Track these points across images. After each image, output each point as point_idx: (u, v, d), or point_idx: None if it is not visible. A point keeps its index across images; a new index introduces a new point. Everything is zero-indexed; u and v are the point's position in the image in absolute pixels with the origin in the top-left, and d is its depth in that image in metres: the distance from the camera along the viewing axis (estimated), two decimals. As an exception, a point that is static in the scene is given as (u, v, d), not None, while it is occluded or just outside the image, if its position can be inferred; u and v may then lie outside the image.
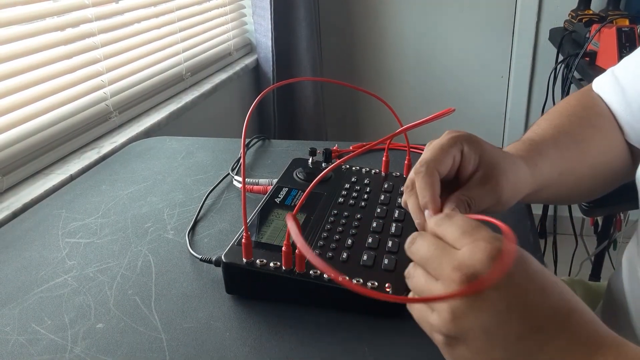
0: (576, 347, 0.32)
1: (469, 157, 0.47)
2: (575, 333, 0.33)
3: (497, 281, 0.32)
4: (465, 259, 0.34)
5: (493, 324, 0.33)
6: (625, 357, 0.32)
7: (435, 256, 0.36)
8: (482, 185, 0.46)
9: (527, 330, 0.33)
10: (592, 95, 0.64)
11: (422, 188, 0.45)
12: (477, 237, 0.35)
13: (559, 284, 0.35)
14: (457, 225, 0.37)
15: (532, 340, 0.33)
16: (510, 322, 0.33)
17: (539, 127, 0.58)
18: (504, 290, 0.33)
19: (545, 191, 0.53)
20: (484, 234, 0.35)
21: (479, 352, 0.34)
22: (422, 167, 0.45)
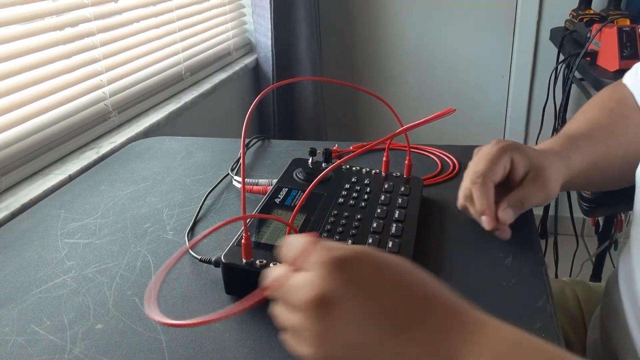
0: (442, 334, 0.32)
1: (520, 163, 0.55)
2: (438, 321, 0.32)
3: (341, 294, 0.31)
4: (310, 281, 0.33)
5: (352, 338, 0.32)
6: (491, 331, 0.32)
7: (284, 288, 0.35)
8: (533, 184, 0.54)
9: (388, 334, 0.32)
10: (622, 89, 0.69)
11: (479, 197, 0.53)
12: (314, 254, 0.33)
13: (411, 274, 0.34)
14: (294, 247, 0.35)
15: (395, 341, 0.32)
16: (370, 330, 0.32)
17: (574, 121, 0.66)
18: (357, 300, 0.32)
19: (579, 178, 0.60)
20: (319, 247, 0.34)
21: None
22: (478, 179, 0.54)
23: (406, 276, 0.34)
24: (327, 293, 0.32)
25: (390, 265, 0.34)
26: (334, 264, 0.32)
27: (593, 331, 0.68)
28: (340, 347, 0.32)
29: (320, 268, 0.32)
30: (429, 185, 0.70)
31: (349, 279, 0.32)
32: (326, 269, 0.32)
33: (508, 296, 0.48)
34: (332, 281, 0.32)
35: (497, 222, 0.54)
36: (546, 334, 0.43)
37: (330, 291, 0.32)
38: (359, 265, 0.33)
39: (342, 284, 0.32)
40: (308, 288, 0.32)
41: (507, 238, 0.55)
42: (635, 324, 0.52)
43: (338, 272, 0.32)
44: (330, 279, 0.32)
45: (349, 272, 0.32)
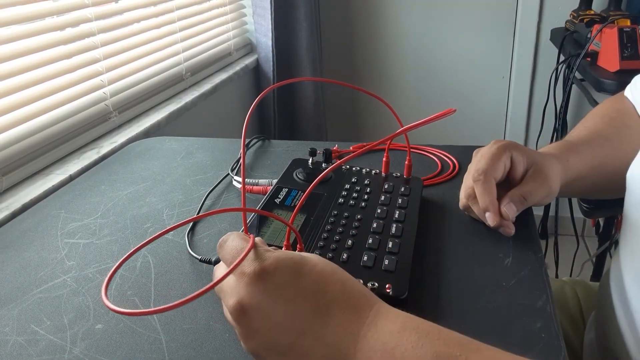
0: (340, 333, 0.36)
1: (519, 160, 0.56)
2: (336, 324, 0.36)
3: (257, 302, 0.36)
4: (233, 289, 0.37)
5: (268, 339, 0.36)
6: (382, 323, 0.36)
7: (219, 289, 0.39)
8: (534, 180, 0.55)
9: (296, 335, 0.36)
10: (623, 100, 0.70)
11: (482, 194, 0.54)
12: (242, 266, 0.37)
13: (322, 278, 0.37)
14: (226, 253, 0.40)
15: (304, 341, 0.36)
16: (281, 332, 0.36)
17: (574, 130, 0.67)
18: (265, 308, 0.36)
19: (579, 183, 0.61)
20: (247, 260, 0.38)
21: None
22: (480, 176, 0.54)
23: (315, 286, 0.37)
24: (244, 301, 0.36)
25: (303, 272, 0.37)
26: (255, 275, 0.37)
27: (590, 330, 0.68)
28: (262, 345, 0.37)
29: (243, 278, 0.37)
30: (429, 185, 0.70)
31: (265, 289, 0.36)
32: (247, 279, 0.37)
33: (508, 296, 0.48)
34: (251, 290, 0.36)
35: (501, 218, 0.54)
36: (546, 334, 0.43)
37: (247, 299, 0.36)
38: (275, 275, 0.37)
39: (259, 293, 0.36)
40: (231, 294, 0.37)
41: (512, 234, 0.55)
42: (627, 324, 0.52)
43: (256, 282, 0.36)
44: (249, 288, 0.36)
45: (265, 283, 0.36)
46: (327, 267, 0.39)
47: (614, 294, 0.56)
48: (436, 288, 0.50)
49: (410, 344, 0.34)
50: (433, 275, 0.51)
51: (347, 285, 0.38)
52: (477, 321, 0.45)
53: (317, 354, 0.36)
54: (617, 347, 0.54)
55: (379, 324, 0.36)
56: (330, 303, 0.37)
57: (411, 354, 0.34)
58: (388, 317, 0.36)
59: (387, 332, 0.35)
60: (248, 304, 0.36)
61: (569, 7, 1.64)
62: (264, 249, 0.39)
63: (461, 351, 0.33)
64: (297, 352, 0.36)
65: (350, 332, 0.36)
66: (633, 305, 0.52)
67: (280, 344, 0.36)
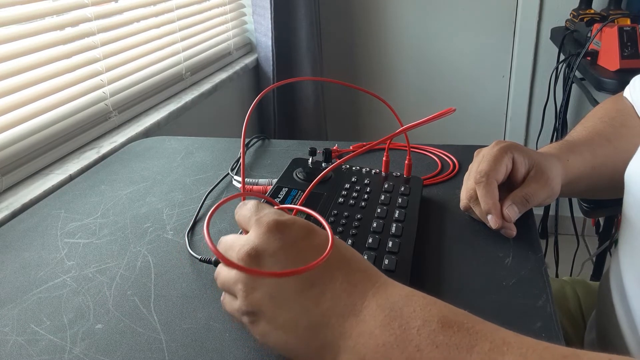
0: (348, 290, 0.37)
1: (521, 161, 0.56)
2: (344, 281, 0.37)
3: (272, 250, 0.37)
4: (248, 238, 0.39)
5: (274, 288, 0.37)
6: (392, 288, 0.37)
7: (228, 246, 0.40)
8: (536, 181, 0.55)
9: (302, 286, 0.37)
10: (623, 101, 0.70)
11: (484, 196, 0.54)
12: (260, 215, 0.40)
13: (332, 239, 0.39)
14: (247, 209, 0.41)
15: (309, 293, 0.37)
16: (289, 282, 0.37)
17: (574, 130, 0.67)
18: (278, 255, 0.37)
19: (579, 184, 0.61)
20: (266, 212, 0.40)
21: (271, 320, 0.37)
22: (482, 178, 0.55)
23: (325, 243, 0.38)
24: (259, 247, 0.37)
25: (318, 232, 0.39)
26: (273, 225, 0.38)
27: (590, 330, 0.68)
28: (263, 296, 0.37)
29: (260, 227, 0.38)
30: (429, 185, 0.69)
31: (282, 239, 0.38)
32: (264, 228, 0.38)
33: (508, 296, 0.48)
34: (267, 238, 0.38)
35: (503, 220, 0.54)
36: (546, 333, 0.43)
37: (263, 246, 0.37)
38: (292, 228, 0.38)
39: (275, 241, 0.38)
40: (245, 243, 0.38)
41: (513, 235, 0.55)
42: (627, 323, 0.53)
43: (274, 231, 0.38)
44: (266, 237, 0.38)
45: (283, 234, 0.38)
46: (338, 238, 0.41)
47: (614, 294, 0.56)
48: (436, 288, 0.49)
49: (418, 305, 0.35)
50: (433, 275, 0.51)
51: (358, 255, 0.40)
52: (477, 321, 0.45)
53: (322, 307, 0.36)
54: (617, 346, 0.54)
55: (389, 288, 0.37)
56: (342, 262, 0.38)
57: (419, 314, 0.34)
58: (396, 285, 0.38)
59: (397, 294, 0.36)
60: (263, 250, 0.37)
61: (569, 6, 1.64)
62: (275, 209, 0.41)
63: (467, 319, 0.34)
64: (302, 303, 0.36)
65: (359, 290, 0.37)
66: (633, 305, 0.52)
67: (285, 293, 0.37)
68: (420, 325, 0.34)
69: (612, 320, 0.56)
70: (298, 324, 0.37)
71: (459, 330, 0.33)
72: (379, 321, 0.35)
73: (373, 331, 0.34)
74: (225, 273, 0.41)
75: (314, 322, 0.36)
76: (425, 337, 0.33)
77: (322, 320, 0.36)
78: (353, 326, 0.35)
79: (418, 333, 0.33)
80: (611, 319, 0.56)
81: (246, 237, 0.39)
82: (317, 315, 0.36)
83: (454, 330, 0.33)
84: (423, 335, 0.33)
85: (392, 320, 0.35)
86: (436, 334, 0.33)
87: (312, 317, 0.36)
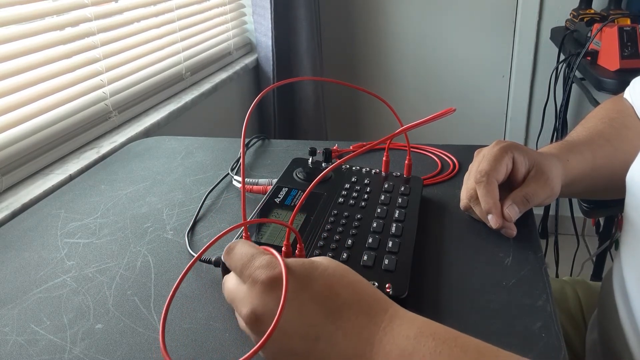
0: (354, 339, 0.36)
1: (521, 161, 0.56)
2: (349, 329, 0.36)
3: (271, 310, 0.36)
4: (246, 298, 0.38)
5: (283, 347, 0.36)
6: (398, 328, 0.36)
7: (231, 298, 0.40)
8: (536, 181, 0.55)
9: (309, 341, 0.36)
10: (623, 101, 0.70)
11: (484, 195, 0.54)
12: (251, 271, 0.38)
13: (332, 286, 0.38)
14: (236, 260, 0.40)
15: (316, 348, 0.36)
16: (295, 339, 0.36)
17: (574, 131, 0.67)
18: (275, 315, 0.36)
19: (579, 184, 0.60)
20: (256, 263, 0.38)
21: None
22: (483, 178, 0.54)
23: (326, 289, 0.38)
24: (258, 310, 0.37)
25: (313, 277, 0.38)
26: (267, 283, 0.37)
27: (592, 331, 0.68)
28: (281, 352, 0.37)
29: (255, 288, 0.37)
30: (429, 185, 0.69)
31: (278, 297, 0.36)
32: (259, 288, 0.37)
33: (508, 296, 0.48)
34: (263, 299, 0.37)
35: (503, 220, 0.54)
36: (546, 333, 0.43)
37: (260, 309, 0.37)
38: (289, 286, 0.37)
39: (271, 301, 0.37)
40: (244, 303, 0.38)
41: (514, 235, 0.55)
42: (629, 324, 0.52)
43: (269, 291, 0.37)
44: (262, 297, 0.37)
45: (278, 291, 0.36)
46: (337, 270, 0.39)
47: (616, 295, 0.56)
48: (436, 288, 0.49)
49: (427, 350, 0.34)
50: (433, 275, 0.51)
51: (359, 288, 0.38)
52: (477, 321, 0.45)
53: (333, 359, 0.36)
54: (619, 348, 0.54)
55: (395, 329, 0.36)
56: (343, 307, 0.37)
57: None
58: (404, 322, 0.36)
59: (404, 337, 0.35)
60: (261, 313, 0.37)
61: (569, 6, 1.64)
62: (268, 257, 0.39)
63: (479, 356, 0.33)
64: (314, 357, 0.36)
65: (365, 336, 0.36)
66: (635, 306, 0.51)
67: (297, 350, 0.36)
68: None
69: (614, 321, 0.56)
70: None
71: None
72: None
73: None
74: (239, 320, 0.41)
75: None
76: None
77: None
78: None
79: None
80: (613, 320, 0.56)
81: (244, 295, 0.38)
82: None
83: None
84: None
85: None
86: None
87: None
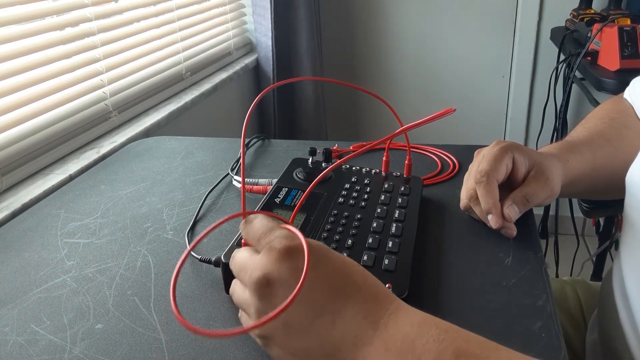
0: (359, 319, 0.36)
1: (521, 161, 0.56)
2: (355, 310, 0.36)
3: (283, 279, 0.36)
4: (260, 263, 0.38)
5: (286, 316, 0.36)
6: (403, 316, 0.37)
7: (241, 267, 0.40)
8: (536, 181, 0.55)
9: (313, 314, 0.36)
10: (623, 101, 0.70)
11: (484, 195, 0.54)
12: (271, 239, 0.39)
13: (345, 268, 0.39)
14: (255, 229, 0.41)
15: (320, 322, 0.36)
16: (300, 311, 0.36)
17: (574, 131, 0.67)
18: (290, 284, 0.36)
19: (579, 184, 0.61)
20: (276, 234, 0.39)
21: (284, 347, 0.37)
22: (483, 178, 0.54)
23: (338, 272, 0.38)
24: (271, 275, 0.37)
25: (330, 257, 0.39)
26: (284, 252, 0.37)
27: (592, 331, 0.68)
28: (275, 324, 0.37)
29: (272, 254, 0.37)
30: (429, 185, 0.69)
31: (293, 267, 0.36)
32: (276, 255, 0.37)
33: (508, 296, 0.48)
34: (279, 266, 0.37)
35: (503, 220, 0.54)
36: (546, 333, 0.43)
37: (274, 274, 0.37)
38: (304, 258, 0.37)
39: (286, 270, 0.37)
40: (257, 268, 0.37)
41: (514, 235, 0.55)
42: (629, 324, 0.52)
43: (285, 259, 0.37)
44: (278, 264, 0.37)
45: (294, 261, 0.37)
46: (350, 260, 0.40)
47: (616, 296, 0.56)
48: (436, 288, 0.49)
49: (431, 336, 0.34)
50: (433, 275, 0.51)
51: (370, 278, 0.39)
52: (477, 321, 0.45)
53: (335, 337, 0.36)
54: (619, 348, 0.54)
55: (400, 316, 0.36)
56: (353, 289, 0.37)
57: (432, 347, 0.34)
58: (408, 312, 0.37)
59: (408, 324, 0.36)
60: (275, 279, 0.37)
61: (569, 6, 1.64)
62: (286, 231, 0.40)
63: (481, 349, 0.33)
64: (313, 333, 0.36)
65: (370, 319, 0.36)
66: (635, 307, 0.51)
67: (297, 323, 0.36)
68: (434, 358, 0.33)
69: (614, 321, 0.56)
70: (310, 353, 0.36)
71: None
72: (391, 353, 0.34)
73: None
74: (239, 292, 0.41)
75: (326, 352, 0.36)
76: None
77: (334, 351, 0.36)
78: (365, 357, 0.35)
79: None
80: (613, 320, 0.56)
81: (257, 261, 0.38)
82: (329, 345, 0.36)
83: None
84: None
85: (405, 353, 0.34)
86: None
87: (325, 346, 0.36)
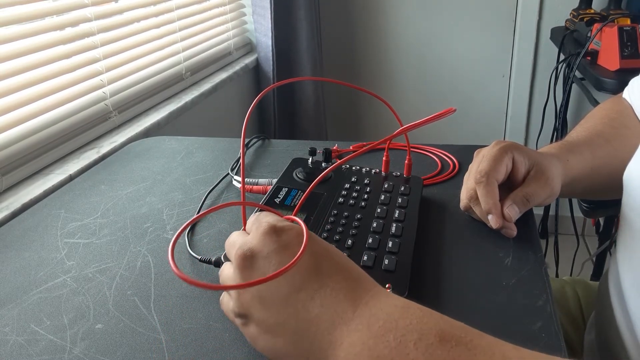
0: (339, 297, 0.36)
1: (521, 161, 0.56)
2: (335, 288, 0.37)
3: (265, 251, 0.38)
4: (247, 239, 0.39)
5: (263, 290, 0.37)
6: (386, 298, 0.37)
7: (231, 243, 0.42)
8: (536, 181, 0.55)
9: (290, 289, 0.37)
10: (622, 101, 0.70)
11: (484, 195, 0.54)
12: (261, 219, 0.41)
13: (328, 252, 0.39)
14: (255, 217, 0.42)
15: (297, 297, 0.36)
16: (279, 286, 0.37)
17: (574, 131, 0.67)
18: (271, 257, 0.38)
19: (578, 184, 0.61)
20: (268, 217, 0.41)
21: (260, 323, 0.38)
22: (483, 178, 0.55)
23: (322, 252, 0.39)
24: (257, 248, 0.38)
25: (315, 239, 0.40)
26: (269, 228, 0.39)
27: (590, 331, 0.68)
28: (253, 298, 0.38)
29: (258, 229, 0.39)
30: (429, 185, 0.69)
31: (276, 241, 0.38)
32: (261, 231, 0.39)
33: (508, 296, 0.48)
34: (262, 240, 0.38)
35: (503, 220, 0.54)
36: (546, 333, 0.43)
37: (260, 247, 0.38)
38: (289, 233, 0.39)
39: (271, 243, 0.38)
40: (244, 242, 0.39)
41: (514, 235, 0.55)
42: (625, 325, 0.52)
43: (270, 234, 0.38)
44: (262, 238, 0.38)
45: (278, 237, 0.38)
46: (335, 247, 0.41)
47: (612, 296, 0.56)
48: (436, 288, 0.49)
49: (415, 317, 0.34)
50: (433, 275, 0.51)
51: (352, 264, 0.40)
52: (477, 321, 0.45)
53: (312, 312, 0.36)
54: (616, 348, 0.54)
55: (382, 298, 0.36)
56: (335, 268, 0.38)
57: (415, 327, 0.33)
58: (390, 295, 0.37)
59: (392, 305, 0.36)
60: (258, 252, 0.38)
61: (569, 6, 1.64)
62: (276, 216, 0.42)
63: (465, 333, 0.33)
64: (290, 306, 0.36)
65: (350, 297, 0.36)
66: (631, 308, 0.52)
67: (275, 296, 0.37)
68: (417, 338, 0.32)
69: (610, 321, 0.56)
70: (286, 328, 0.36)
71: (457, 345, 0.32)
72: (372, 332, 0.34)
73: (366, 342, 0.33)
74: (227, 270, 0.42)
75: (302, 327, 0.36)
76: (422, 351, 0.32)
77: (311, 327, 0.35)
78: (344, 335, 0.34)
79: (415, 347, 0.32)
80: (610, 320, 0.56)
81: (245, 237, 0.40)
82: (305, 320, 0.36)
83: (451, 344, 0.32)
84: (420, 349, 0.32)
85: (387, 332, 0.33)
86: (434, 348, 0.32)
87: (300, 322, 0.36)
